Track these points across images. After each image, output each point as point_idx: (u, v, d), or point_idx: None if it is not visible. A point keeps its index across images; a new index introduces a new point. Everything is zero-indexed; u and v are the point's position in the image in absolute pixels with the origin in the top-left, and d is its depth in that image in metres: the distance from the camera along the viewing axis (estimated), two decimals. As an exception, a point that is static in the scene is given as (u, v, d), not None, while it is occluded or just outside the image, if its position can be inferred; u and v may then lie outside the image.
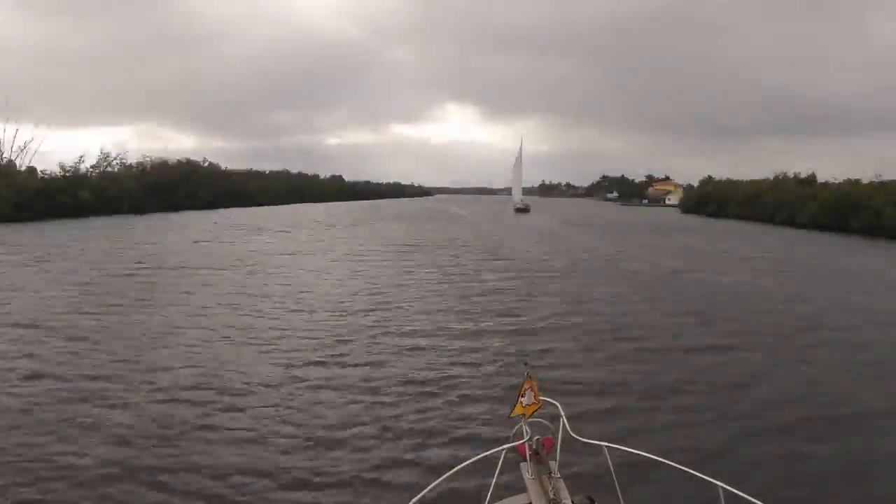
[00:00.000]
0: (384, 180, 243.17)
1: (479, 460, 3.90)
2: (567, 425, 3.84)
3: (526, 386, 3.86)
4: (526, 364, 3.98)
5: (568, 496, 3.49)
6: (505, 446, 3.91)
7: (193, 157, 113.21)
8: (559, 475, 3.62)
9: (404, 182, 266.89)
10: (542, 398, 3.99)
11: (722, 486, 3.56)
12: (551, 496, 3.47)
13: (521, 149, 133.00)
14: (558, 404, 3.92)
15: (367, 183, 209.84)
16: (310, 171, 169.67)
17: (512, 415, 3.89)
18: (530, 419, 3.90)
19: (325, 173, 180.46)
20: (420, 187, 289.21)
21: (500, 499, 3.68)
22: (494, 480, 3.64)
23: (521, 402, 3.85)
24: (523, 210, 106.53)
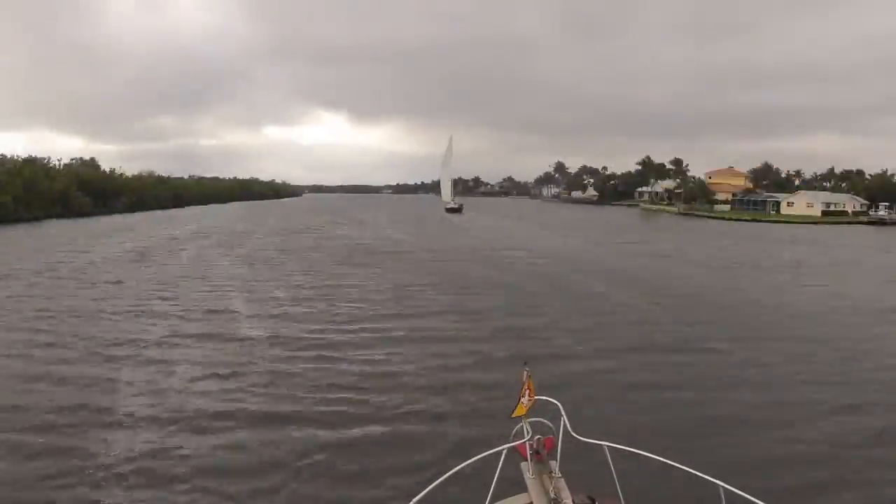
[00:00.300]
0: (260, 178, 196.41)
1: (479, 460, 3.89)
2: (568, 425, 3.83)
3: (526, 386, 3.86)
4: (525, 364, 3.97)
5: (569, 495, 3.48)
6: (506, 446, 3.90)
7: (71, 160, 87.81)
8: (560, 474, 3.62)
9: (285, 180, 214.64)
10: (543, 397, 3.98)
11: (722, 486, 3.55)
12: (552, 496, 3.46)
13: (450, 146, 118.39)
14: (559, 404, 3.91)
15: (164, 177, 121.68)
16: (188, 173, 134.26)
17: (513, 415, 3.88)
18: (531, 419, 3.89)
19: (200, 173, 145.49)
20: (284, 185, 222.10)
21: (501, 498, 3.67)
22: (495, 480, 3.64)
23: (522, 403, 3.84)
24: (456, 210, 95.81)
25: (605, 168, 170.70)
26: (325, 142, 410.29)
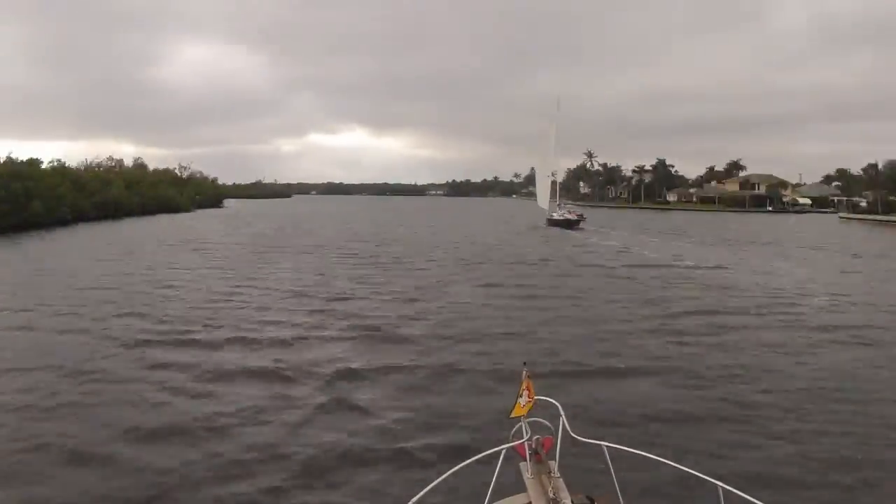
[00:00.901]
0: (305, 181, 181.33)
1: (478, 460, 3.89)
2: (567, 425, 3.83)
3: (524, 386, 3.86)
4: (524, 364, 3.97)
5: (567, 496, 3.48)
6: (504, 446, 3.90)
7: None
8: (559, 475, 3.62)
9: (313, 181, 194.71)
10: (541, 397, 3.98)
11: (722, 486, 3.55)
12: (551, 496, 3.46)
13: (553, 136, 74.30)
14: (558, 404, 3.91)
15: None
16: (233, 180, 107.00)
17: (511, 415, 3.88)
18: (530, 419, 3.89)
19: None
20: (208, 184, 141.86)
21: (500, 498, 3.67)
22: (494, 480, 3.63)
23: (520, 403, 3.85)
24: (571, 223, 61.65)
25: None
26: (358, 145, 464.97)
